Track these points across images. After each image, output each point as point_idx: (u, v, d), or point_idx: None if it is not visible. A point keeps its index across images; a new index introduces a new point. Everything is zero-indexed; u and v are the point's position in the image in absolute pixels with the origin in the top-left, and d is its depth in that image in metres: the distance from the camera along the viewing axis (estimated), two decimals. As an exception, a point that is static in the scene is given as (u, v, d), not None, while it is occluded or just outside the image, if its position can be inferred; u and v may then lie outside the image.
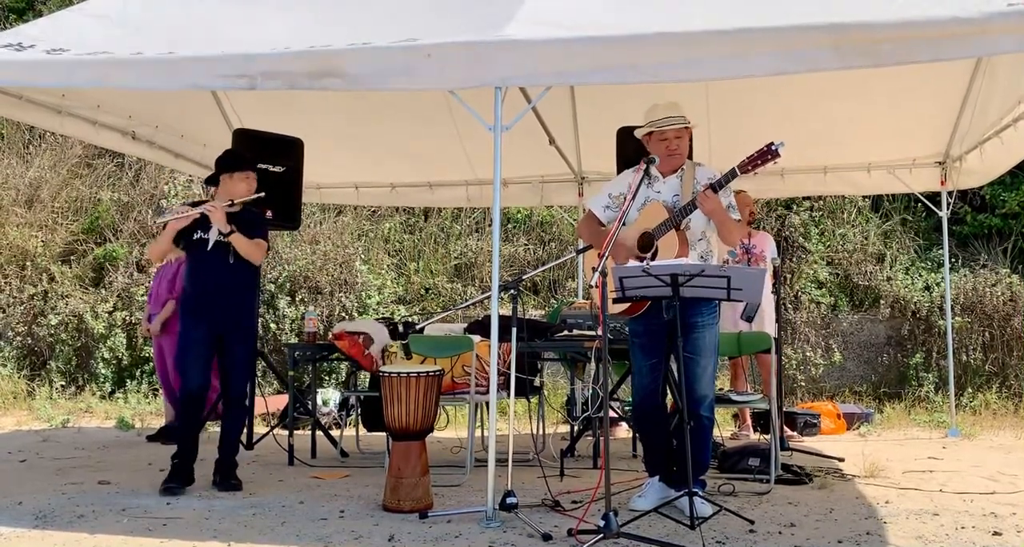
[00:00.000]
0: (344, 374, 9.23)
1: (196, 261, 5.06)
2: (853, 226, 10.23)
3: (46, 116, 5.81)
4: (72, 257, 10.76)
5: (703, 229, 4.42)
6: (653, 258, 4.35)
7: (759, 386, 7.49)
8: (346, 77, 4.11)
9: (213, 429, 5.52)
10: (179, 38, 4.61)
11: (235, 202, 5.07)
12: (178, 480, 4.87)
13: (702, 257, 4.41)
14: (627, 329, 4.61)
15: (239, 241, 5.01)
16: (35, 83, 4.72)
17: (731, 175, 4.24)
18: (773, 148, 4.18)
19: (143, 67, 4.35)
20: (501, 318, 4.21)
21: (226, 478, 5.03)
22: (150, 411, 8.58)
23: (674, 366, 4.55)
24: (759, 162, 4.21)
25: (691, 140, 5.33)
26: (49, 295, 10.21)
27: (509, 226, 10.99)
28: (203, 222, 5.01)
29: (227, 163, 5.20)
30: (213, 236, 4.99)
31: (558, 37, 3.96)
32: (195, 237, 5.02)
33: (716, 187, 4.29)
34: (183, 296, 5.22)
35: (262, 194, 5.23)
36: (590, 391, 6.04)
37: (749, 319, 6.53)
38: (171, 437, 6.68)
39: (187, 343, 5.03)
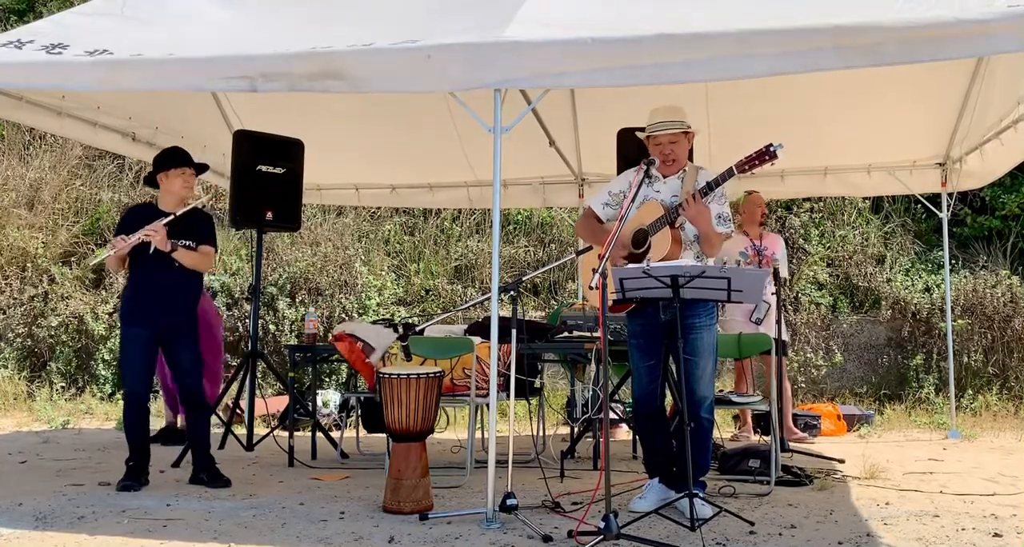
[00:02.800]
0: (344, 375, 9.23)
1: (138, 264, 4.99)
2: (853, 228, 10.24)
3: (46, 118, 5.82)
4: (72, 258, 10.76)
5: (696, 231, 4.43)
6: (646, 253, 4.36)
7: (760, 388, 7.49)
8: (346, 79, 4.11)
9: (216, 431, 5.52)
10: (179, 39, 4.60)
11: (177, 215, 5.00)
12: (135, 478, 4.95)
13: (698, 257, 4.42)
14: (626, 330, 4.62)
15: (183, 256, 5.00)
16: (35, 85, 4.72)
17: (727, 174, 4.24)
18: (771, 149, 4.18)
19: (144, 69, 4.36)
20: (501, 319, 4.21)
21: (214, 476, 5.09)
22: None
23: (674, 368, 4.55)
24: (756, 162, 4.21)
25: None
26: (49, 296, 10.21)
27: (509, 227, 10.99)
28: (146, 222, 4.93)
29: (162, 161, 5.14)
30: (150, 241, 4.90)
31: (558, 38, 3.96)
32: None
33: (712, 186, 4.29)
34: (124, 298, 5.12)
35: (200, 201, 5.22)
36: (590, 392, 6.04)
37: (759, 322, 6.53)
38: (170, 438, 6.69)
39: (129, 347, 5.00)
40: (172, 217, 4.99)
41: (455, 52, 4.01)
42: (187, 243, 5.03)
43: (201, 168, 5.34)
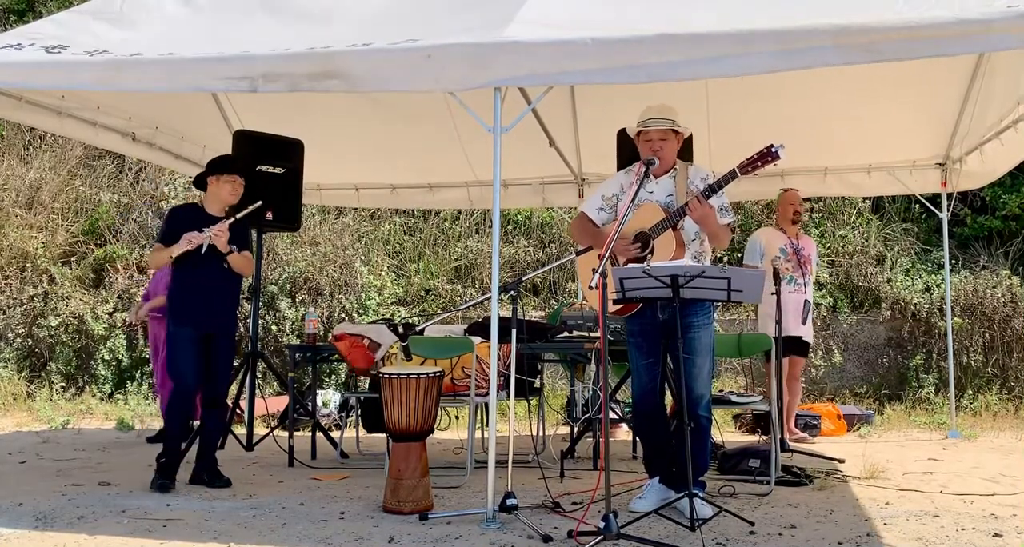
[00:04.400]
0: (344, 375, 9.23)
1: (188, 265, 5.11)
2: (853, 228, 10.24)
3: (46, 118, 5.82)
4: (72, 258, 10.76)
5: (697, 230, 4.45)
6: (649, 256, 4.37)
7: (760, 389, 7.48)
8: (347, 78, 4.11)
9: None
10: (180, 39, 4.60)
11: (237, 217, 5.16)
12: (169, 477, 4.99)
13: (695, 257, 4.43)
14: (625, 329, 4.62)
15: (235, 259, 5.15)
16: (35, 85, 4.72)
17: (730, 176, 4.25)
18: (773, 150, 4.18)
19: (144, 69, 4.36)
20: (501, 319, 4.21)
21: (215, 476, 5.14)
22: (150, 413, 8.57)
23: (672, 367, 4.55)
24: (759, 163, 4.22)
25: (690, 142, 5.32)
26: (49, 296, 10.21)
27: (509, 227, 10.99)
28: (194, 226, 5.07)
29: (215, 166, 5.27)
30: (206, 242, 5.06)
31: (558, 38, 3.96)
32: None
33: (715, 188, 4.30)
34: (172, 298, 5.23)
35: (259, 203, 5.31)
36: (590, 392, 6.04)
37: (804, 322, 6.58)
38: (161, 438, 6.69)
39: (179, 345, 5.10)
40: (233, 220, 5.14)
41: (455, 52, 4.01)
42: (234, 248, 5.16)
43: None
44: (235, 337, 5.34)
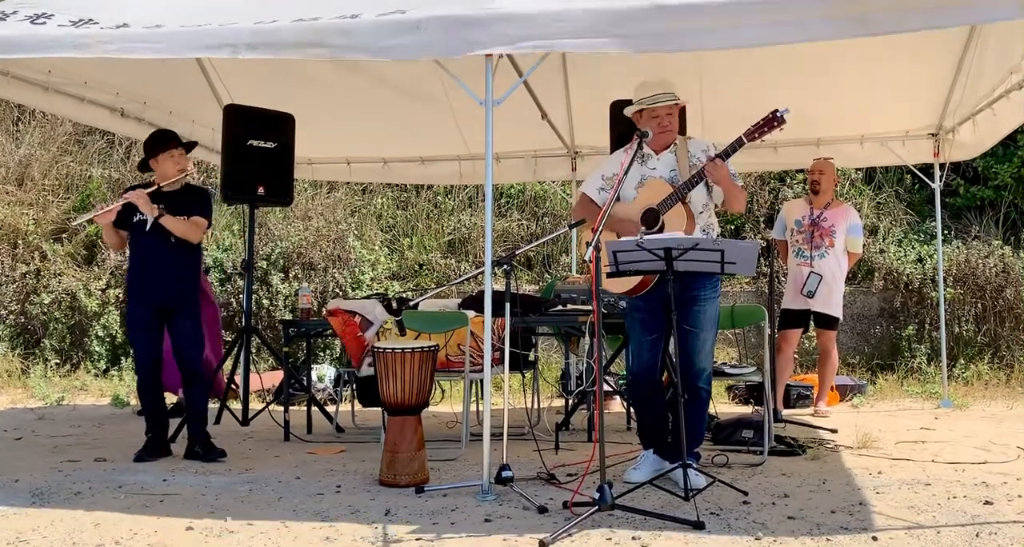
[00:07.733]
0: (339, 350, 9.23)
1: (137, 242, 5.15)
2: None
3: (33, 94, 5.76)
4: (64, 235, 10.71)
5: (704, 202, 4.44)
6: (660, 232, 4.35)
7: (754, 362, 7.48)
8: (333, 47, 4.07)
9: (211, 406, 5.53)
10: (168, 9, 4.53)
11: (161, 186, 5.10)
12: (149, 451, 5.10)
13: (704, 230, 4.42)
14: (623, 303, 4.61)
15: (169, 223, 5.07)
16: (17, 54, 4.63)
17: (737, 144, 4.24)
18: (779, 114, 4.17)
19: (128, 41, 4.28)
20: (495, 293, 4.21)
21: (208, 449, 5.16)
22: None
23: (673, 340, 4.55)
24: (765, 129, 4.21)
25: (684, 115, 5.30)
26: (42, 273, 10.17)
27: (502, 201, 10.96)
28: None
29: (150, 146, 5.21)
30: (150, 217, 5.05)
31: (548, 8, 3.92)
32: (134, 219, 5.10)
33: (724, 157, 4.28)
34: (127, 276, 5.30)
35: (190, 171, 5.26)
36: (584, 365, 6.06)
37: (810, 295, 6.53)
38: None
39: (133, 320, 5.17)
40: (156, 187, 5.10)
41: (445, 23, 3.96)
42: (162, 208, 5.09)
43: (190, 146, 5.37)
44: (195, 308, 5.28)
